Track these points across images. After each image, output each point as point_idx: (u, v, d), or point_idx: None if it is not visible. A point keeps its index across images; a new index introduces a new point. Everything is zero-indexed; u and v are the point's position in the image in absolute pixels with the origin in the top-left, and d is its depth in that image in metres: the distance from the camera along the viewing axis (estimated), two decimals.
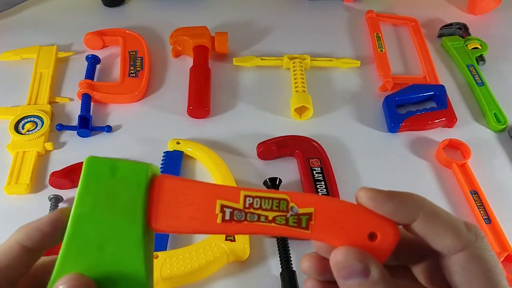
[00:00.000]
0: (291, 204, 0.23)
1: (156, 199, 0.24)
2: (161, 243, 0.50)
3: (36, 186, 0.56)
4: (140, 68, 0.68)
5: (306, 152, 0.58)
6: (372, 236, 0.23)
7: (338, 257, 0.23)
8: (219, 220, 0.23)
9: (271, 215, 0.23)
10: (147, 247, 0.24)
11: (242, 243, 0.49)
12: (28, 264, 0.25)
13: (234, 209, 0.23)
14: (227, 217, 0.23)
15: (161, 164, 0.58)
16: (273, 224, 0.23)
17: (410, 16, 0.79)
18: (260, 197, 0.23)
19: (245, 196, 0.24)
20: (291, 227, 0.23)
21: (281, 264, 0.48)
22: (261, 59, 0.71)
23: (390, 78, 0.68)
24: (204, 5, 0.83)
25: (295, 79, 0.67)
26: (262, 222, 0.23)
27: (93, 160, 0.24)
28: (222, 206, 0.23)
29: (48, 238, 0.24)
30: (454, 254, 0.23)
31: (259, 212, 0.23)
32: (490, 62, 0.72)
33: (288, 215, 0.23)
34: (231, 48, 0.72)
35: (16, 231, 0.25)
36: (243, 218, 0.23)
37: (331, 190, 0.55)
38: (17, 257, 0.24)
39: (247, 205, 0.23)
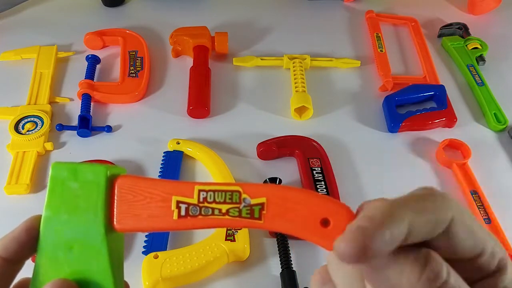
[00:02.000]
0: (243, 196, 0.23)
1: (117, 199, 0.25)
2: (161, 243, 0.50)
3: (36, 186, 0.56)
4: (140, 68, 0.68)
5: (306, 152, 0.58)
6: (325, 222, 0.22)
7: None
8: (175, 217, 0.24)
9: (224, 207, 0.23)
10: (112, 247, 0.24)
11: (242, 243, 0.49)
12: (10, 277, 0.25)
13: (189, 204, 0.24)
14: (183, 212, 0.24)
15: (161, 164, 0.58)
16: (227, 216, 0.23)
17: (410, 16, 0.79)
18: (214, 191, 0.24)
19: (199, 191, 0.24)
20: (244, 219, 0.23)
21: (281, 264, 0.48)
22: (261, 59, 0.71)
23: (390, 78, 0.68)
24: (204, 5, 0.83)
25: (295, 79, 0.67)
26: (216, 215, 0.24)
27: (58, 166, 0.25)
28: (178, 202, 0.24)
29: (25, 246, 0.25)
30: None
31: (213, 205, 0.24)
32: (490, 62, 0.72)
33: (241, 207, 0.23)
34: (231, 48, 0.72)
35: None
36: (197, 212, 0.24)
37: (331, 190, 0.55)
38: (0, 271, 0.24)
39: (201, 200, 0.24)
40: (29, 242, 0.25)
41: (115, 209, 0.24)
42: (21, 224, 0.25)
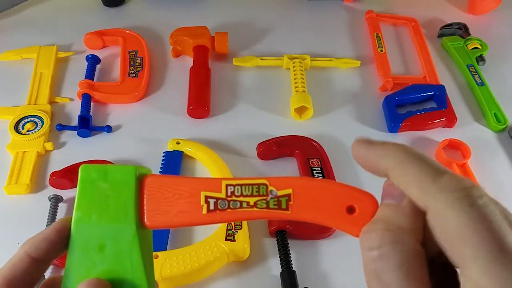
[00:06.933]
0: (270, 188, 0.25)
1: (146, 197, 0.25)
2: (161, 243, 0.50)
3: (36, 186, 0.56)
4: (140, 68, 0.68)
5: (306, 152, 0.58)
6: (350, 210, 0.24)
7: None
8: (204, 211, 0.25)
9: (252, 200, 0.25)
10: (143, 244, 0.25)
11: (242, 243, 0.49)
12: (37, 276, 0.25)
13: (217, 198, 0.25)
14: (212, 207, 0.25)
15: (161, 164, 0.58)
16: (255, 208, 0.24)
17: (410, 16, 0.79)
18: (241, 185, 0.25)
19: (227, 185, 0.25)
20: (272, 210, 0.24)
21: (281, 264, 0.48)
22: (261, 59, 0.71)
23: (390, 78, 0.68)
24: (204, 5, 0.83)
25: (295, 79, 0.67)
26: (245, 208, 0.25)
27: (87, 168, 0.26)
28: (206, 197, 0.25)
29: (55, 247, 0.25)
30: (427, 211, 0.20)
31: (241, 199, 0.25)
32: (490, 62, 0.71)
33: (268, 199, 0.24)
34: (231, 48, 0.72)
35: (24, 243, 0.25)
36: (226, 206, 0.25)
37: None
38: (28, 269, 0.24)
39: (229, 194, 0.25)
40: (59, 242, 0.25)
41: (145, 207, 0.25)
42: (52, 225, 0.25)
